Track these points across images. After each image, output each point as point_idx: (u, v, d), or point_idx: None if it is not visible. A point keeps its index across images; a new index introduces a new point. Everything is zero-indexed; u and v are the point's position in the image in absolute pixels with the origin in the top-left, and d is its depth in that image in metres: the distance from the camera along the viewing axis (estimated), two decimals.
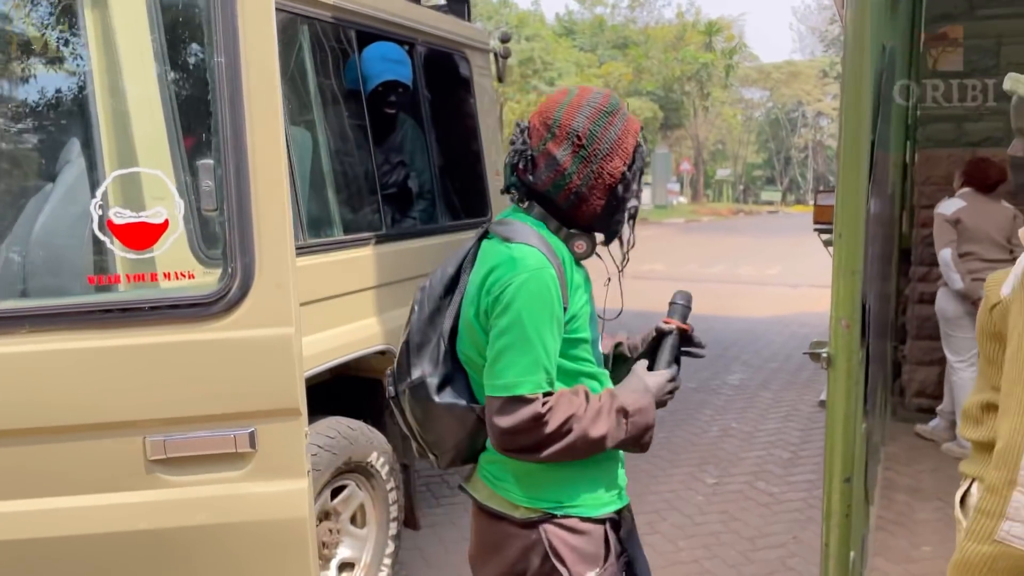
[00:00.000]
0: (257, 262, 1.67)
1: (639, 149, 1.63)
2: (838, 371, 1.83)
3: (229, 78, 1.60)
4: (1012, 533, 1.25)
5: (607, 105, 1.60)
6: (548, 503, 1.63)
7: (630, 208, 1.64)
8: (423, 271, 3.30)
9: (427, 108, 3.49)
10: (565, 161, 1.57)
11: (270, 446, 1.76)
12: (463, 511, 3.96)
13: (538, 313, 1.51)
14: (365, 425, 2.91)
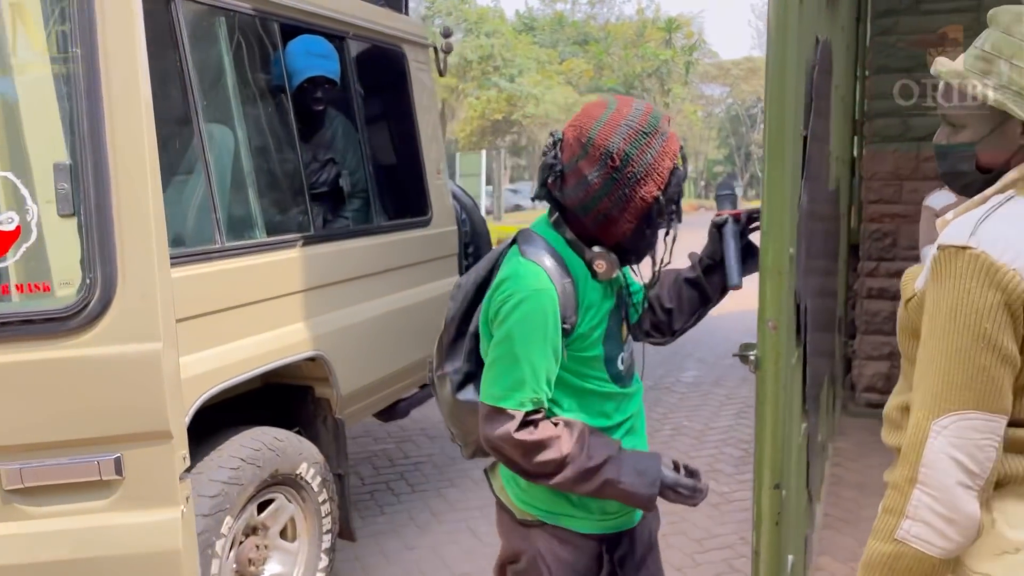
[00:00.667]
0: (119, 272, 1.54)
1: (676, 172, 1.58)
2: (766, 374, 1.76)
3: (86, 70, 1.47)
4: (911, 532, 1.22)
5: (645, 125, 1.55)
6: (540, 511, 1.67)
7: (663, 233, 1.61)
8: (357, 273, 3.20)
9: (360, 104, 3.37)
10: (596, 182, 1.53)
11: (139, 473, 1.63)
12: (407, 519, 3.86)
13: (529, 334, 1.52)
14: (294, 435, 2.80)
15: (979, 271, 1.17)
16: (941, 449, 1.19)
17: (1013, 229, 1.19)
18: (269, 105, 2.92)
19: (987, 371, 1.17)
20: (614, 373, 1.68)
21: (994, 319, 1.17)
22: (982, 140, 1.31)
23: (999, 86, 1.25)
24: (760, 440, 1.79)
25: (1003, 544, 1.25)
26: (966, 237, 1.19)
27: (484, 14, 31.72)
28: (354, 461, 4.65)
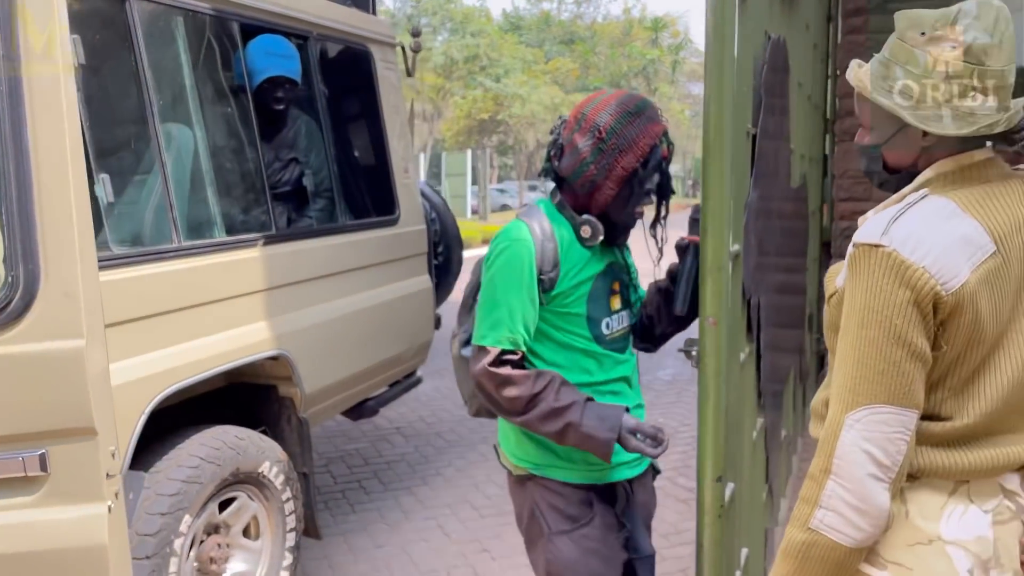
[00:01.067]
0: (42, 270, 1.55)
1: (655, 150, 1.77)
2: (707, 369, 1.78)
3: (6, 69, 1.48)
4: (824, 522, 1.24)
5: (632, 106, 1.77)
6: (531, 464, 1.87)
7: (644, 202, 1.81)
8: (322, 272, 3.21)
9: (324, 104, 3.38)
10: (585, 151, 1.76)
11: (64, 469, 1.64)
12: (377, 518, 3.87)
13: (507, 278, 1.74)
14: (256, 434, 2.80)
15: (890, 269, 1.19)
16: (853, 442, 1.21)
17: (924, 228, 1.20)
18: (229, 105, 2.93)
19: (898, 366, 1.20)
20: (596, 334, 1.85)
21: (904, 316, 1.19)
22: (887, 142, 1.34)
23: (895, 91, 1.27)
24: (702, 434, 1.81)
25: (917, 535, 1.27)
26: (879, 236, 1.21)
27: (470, 14, 31.74)
28: (328, 460, 4.66)
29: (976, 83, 1.21)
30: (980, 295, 1.19)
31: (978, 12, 1.21)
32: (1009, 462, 1.28)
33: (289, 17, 3.13)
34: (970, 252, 1.19)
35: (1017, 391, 1.27)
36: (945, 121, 1.24)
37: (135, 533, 2.36)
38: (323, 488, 4.24)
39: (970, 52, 1.20)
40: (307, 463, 3.04)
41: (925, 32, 1.24)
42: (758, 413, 2.62)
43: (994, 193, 1.25)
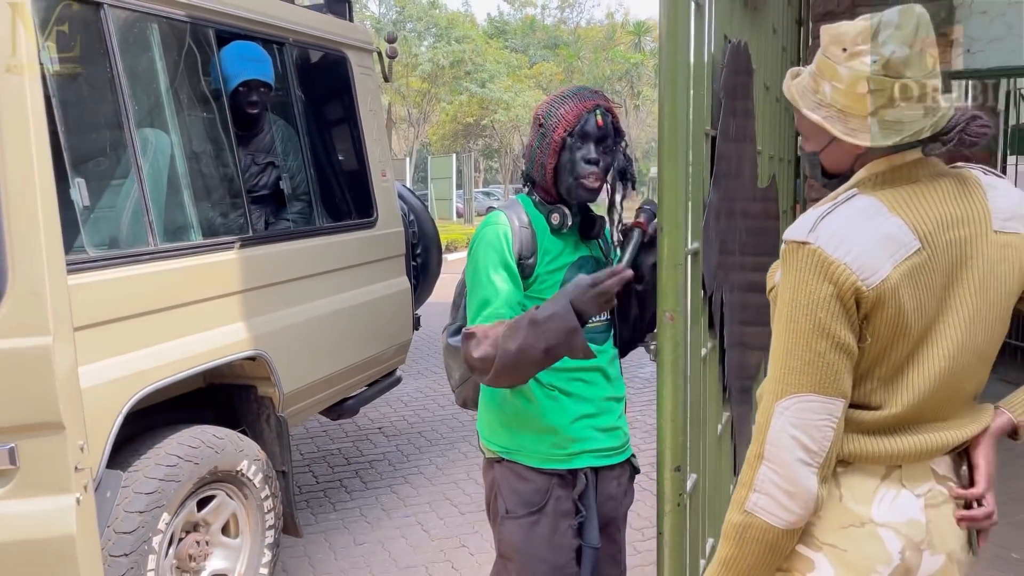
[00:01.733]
0: (9, 269, 1.60)
1: (583, 119, 1.87)
2: (665, 363, 1.84)
3: None
4: (758, 505, 1.30)
5: (567, 92, 1.93)
6: (499, 447, 1.96)
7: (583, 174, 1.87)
8: (299, 274, 3.26)
9: (301, 108, 3.43)
10: (533, 139, 1.93)
11: (33, 462, 1.69)
12: (358, 516, 3.92)
13: (487, 257, 1.85)
14: (234, 433, 2.85)
15: (815, 265, 1.25)
16: (782, 428, 1.28)
17: (849, 226, 1.26)
18: (205, 110, 2.98)
19: (823, 357, 1.26)
20: None
21: (827, 309, 1.25)
22: (823, 150, 1.40)
23: (822, 104, 1.32)
24: (660, 425, 1.87)
25: (850, 518, 1.33)
26: (806, 233, 1.27)
27: (455, 19, 31.81)
28: (310, 460, 4.71)
29: (898, 94, 1.26)
30: (903, 290, 1.24)
31: (899, 21, 1.25)
32: (938, 447, 1.34)
33: (264, 23, 3.18)
34: (893, 249, 1.25)
35: (945, 382, 1.31)
36: (872, 132, 1.29)
37: (113, 531, 2.41)
38: (304, 488, 4.29)
39: (889, 66, 1.25)
40: (286, 462, 3.09)
41: (846, 48, 1.28)
42: (724, 407, 2.69)
43: (922, 192, 1.31)
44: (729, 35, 2.53)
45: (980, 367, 1.36)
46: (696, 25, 2.10)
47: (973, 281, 1.30)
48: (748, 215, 3.13)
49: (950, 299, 1.30)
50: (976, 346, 1.33)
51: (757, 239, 3.48)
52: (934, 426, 1.35)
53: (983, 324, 1.32)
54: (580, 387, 1.96)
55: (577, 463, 1.96)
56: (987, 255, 1.31)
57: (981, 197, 1.33)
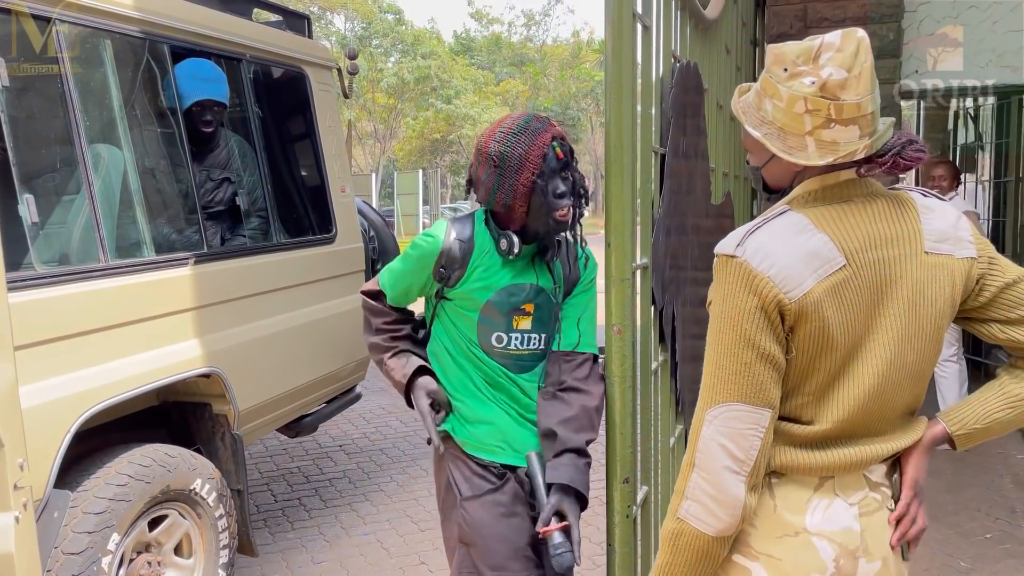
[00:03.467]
0: None
1: (547, 157, 1.87)
2: (613, 376, 1.88)
3: None
4: (689, 512, 1.33)
5: (515, 127, 1.89)
6: (448, 426, 2.03)
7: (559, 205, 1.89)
8: (255, 290, 3.25)
9: (258, 124, 3.43)
10: (489, 181, 1.90)
11: None
12: (316, 534, 3.89)
13: (407, 252, 2.01)
14: (187, 451, 2.82)
15: (741, 278, 1.29)
16: (711, 436, 1.31)
17: (775, 241, 1.30)
18: (160, 126, 2.96)
19: (749, 367, 1.29)
20: (484, 341, 1.98)
21: (752, 321, 1.28)
22: (764, 166, 1.44)
23: (764, 122, 1.36)
24: (609, 438, 1.90)
25: (784, 527, 1.36)
26: (734, 247, 1.32)
27: (421, 35, 31.88)
28: (268, 478, 4.66)
29: (834, 115, 1.29)
30: (826, 305, 1.28)
31: (840, 44, 1.28)
32: (868, 459, 1.37)
33: (221, 40, 3.18)
34: (816, 265, 1.28)
35: (874, 398, 1.34)
36: (809, 151, 1.32)
37: (61, 552, 2.36)
38: (263, 506, 4.24)
39: (825, 88, 1.28)
40: (241, 480, 3.06)
41: (787, 68, 1.31)
42: (677, 420, 2.72)
43: (852, 211, 1.34)
44: (678, 55, 2.59)
45: (912, 385, 1.39)
46: (643, 46, 2.15)
47: (901, 300, 1.33)
48: (701, 231, 3.19)
49: (878, 317, 1.33)
50: (906, 364, 1.35)
51: (710, 255, 3.54)
52: (866, 440, 1.37)
53: (912, 343, 1.34)
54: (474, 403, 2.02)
55: (517, 461, 2.01)
56: (916, 276, 1.34)
57: (914, 218, 1.36)
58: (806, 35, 4.82)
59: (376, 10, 30.92)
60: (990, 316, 1.41)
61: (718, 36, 3.57)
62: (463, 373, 2.02)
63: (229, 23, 3.27)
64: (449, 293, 1.98)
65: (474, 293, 1.95)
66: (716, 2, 3.31)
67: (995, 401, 1.42)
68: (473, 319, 1.97)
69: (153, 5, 2.85)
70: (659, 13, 2.29)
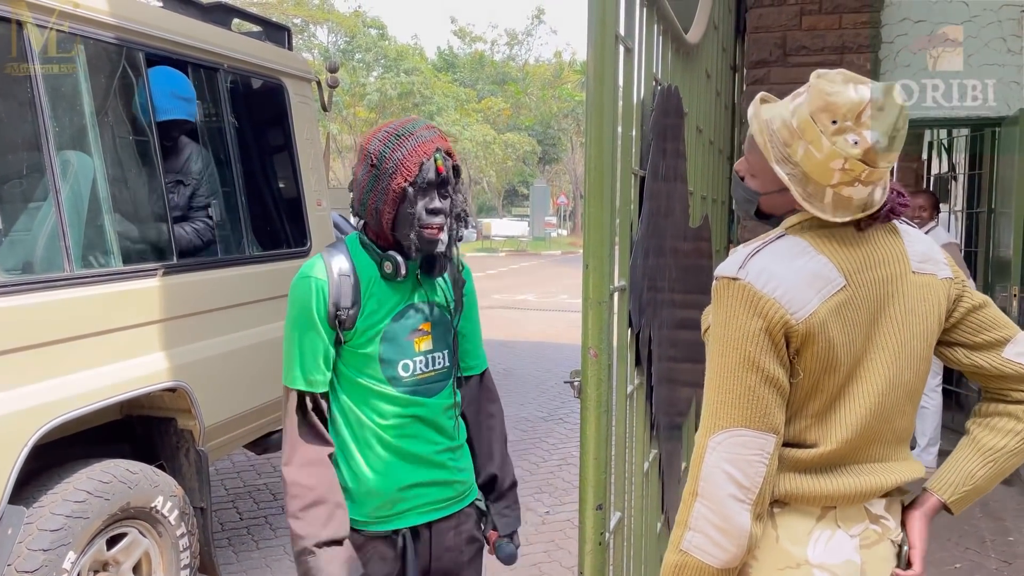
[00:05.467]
0: None
1: (424, 167, 1.72)
2: (588, 400, 1.84)
3: None
4: (693, 543, 1.30)
5: (400, 129, 1.75)
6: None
7: (426, 225, 1.73)
8: (225, 303, 3.18)
9: (233, 135, 3.38)
10: (363, 180, 1.75)
11: None
12: (282, 554, 3.80)
13: (295, 315, 1.74)
14: (149, 468, 2.75)
15: (745, 300, 1.27)
16: (715, 464, 1.28)
17: (778, 264, 1.29)
18: (132, 134, 2.90)
19: (753, 391, 1.27)
20: (391, 375, 1.79)
21: (756, 343, 1.26)
22: (767, 194, 1.41)
23: (789, 160, 1.33)
24: (583, 463, 1.86)
25: (786, 559, 1.34)
26: (736, 269, 1.29)
27: (404, 51, 31.96)
28: (233, 496, 4.56)
29: (863, 177, 1.29)
30: (831, 324, 1.28)
31: (883, 104, 1.26)
32: (872, 490, 1.36)
33: (198, 49, 3.13)
34: (820, 286, 1.28)
35: (876, 417, 1.34)
36: (826, 202, 1.32)
37: (15, 570, 2.28)
38: (228, 524, 4.15)
39: (868, 154, 1.27)
40: (205, 498, 2.98)
41: (836, 121, 1.28)
42: (652, 444, 2.70)
43: (846, 235, 1.35)
44: (659, 78, 2.59)
45: (908, 405, 1.40)
46: (625, 68, 2.14)
47: (897, 318, 1.35)
48: (679, 253, 3.18)
49: (876, 335, 1.34)
50: (904, 382, 1.36)
51: (688, 277, 3.54)
52: (869, 468, 1.37)
53: (908, 360, 1.36)
54: (410, 443, 1.83)
55: (399, 523, 1.84)
56: (908, 293, 1.36)
57: (899, 241, 1.39)
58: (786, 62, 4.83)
59: (359, 24, 30.96)
60: (956, 339, 1.44)
61: (699, 61, 3.59)
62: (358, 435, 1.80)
63: (207, 32, 3.22)
64: (346, 337, 1.76)
65: (371, 328, 1.77)
66: (697, 27, 3.33)
67: (975, 460, 1.44)
68: (374, 355, 1.77)
69: (130, 12, 2.80)
70: (641, 36, 2.29)
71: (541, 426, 6.12)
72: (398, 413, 1.81)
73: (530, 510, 4.38)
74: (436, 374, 1.88)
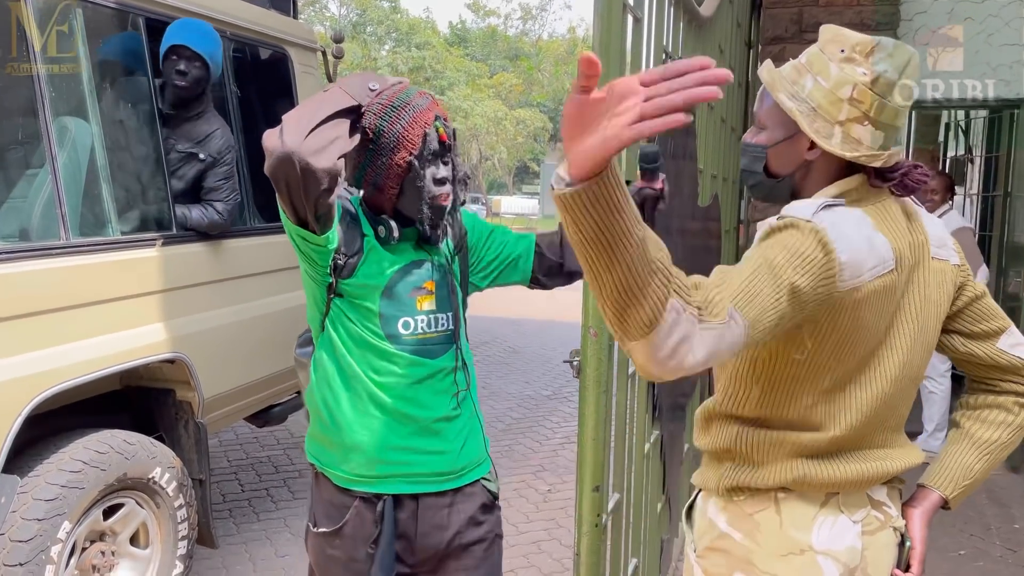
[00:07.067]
0: None
1: (427, 138, 1.65)
2: (587, 379, 1.80)
3: None
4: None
5: (395, 100, 1.66)
6: (315, 458, 1.82)
7: (436, 195, 1.68)
8: (226, 275, 3.15)
9: (235, 104, 3.32)
10: (359, 156, 1.67)
11: None
12: (282, 526, 3.80)
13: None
14: (147, 439, 2.73)
15: (815, 237, 1.19)
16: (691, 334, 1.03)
17: (847, 225, 1.23)
18: (132, 101, 2.85)
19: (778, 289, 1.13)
20: (390, 332, 1.74)
21: (808, 264, 1.16)
22: (774, 145, 1.37)
23: (799, 98, 1.30)
24: (581, 444, 1.83)
25: (789, 545, 1.32)
26: (810, 214, 1.22)
27: (416, 25, 31.70)
28: (237, 467, 4.57)
29: (873, 113, 1.26)
30: (866, 305, 1.23)
31: (893, 50, 1.27)
32: (876, 476, 1.34)
33: (198, 14, 3.07)
34: (874, 263, 1.23)
35: (884, 406, 1.32)
36: (834, 140, 1.28)
37: (8, 539, 2.27)
38: (229, 496, 4.15)
39: (877, 83, 1.25)
40: (203, 469, 2.97)
41: (844, 50, 1.28)
42: (653, 425, 2.66)
43: (891, 214, 1.30)
44: (670, 52, 2.52)
45: (912, 391, 1.38)
46: (633, 39, 2.08)
47: (916, 304, 1.32)
48: (687, 233, 3.13)
49: (897, 322, 1.30)
50: (914, 369, 1.34)
51: (696, 257, 3.48)
52: (873, 454, 1.35)
53: (920, 348, 1.34)
54: (403, 404, 1.76)
55: (382, 487, 1.76)
56: (926, 280, 1.33)
57: (922, 224, 1.36)
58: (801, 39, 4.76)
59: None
60: (955, 327, 1.42)
61: (712, 35, 3.50)
62: (351, 386, 1.75)
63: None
64: (343, 285, 1.71)
65: (372, 278, 1.72)
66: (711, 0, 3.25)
67: (971, 453, 1.43)
68: (374, 310, 1.73)
69: None
70: (651, 5, 2.22)
71: (545, 404, 6.09)
72: (395, 372, 1.74)
73: (531, 488, 4.37)
74: (439, 335, 1.80)
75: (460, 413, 1.86)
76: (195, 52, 2.87)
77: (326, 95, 1.63)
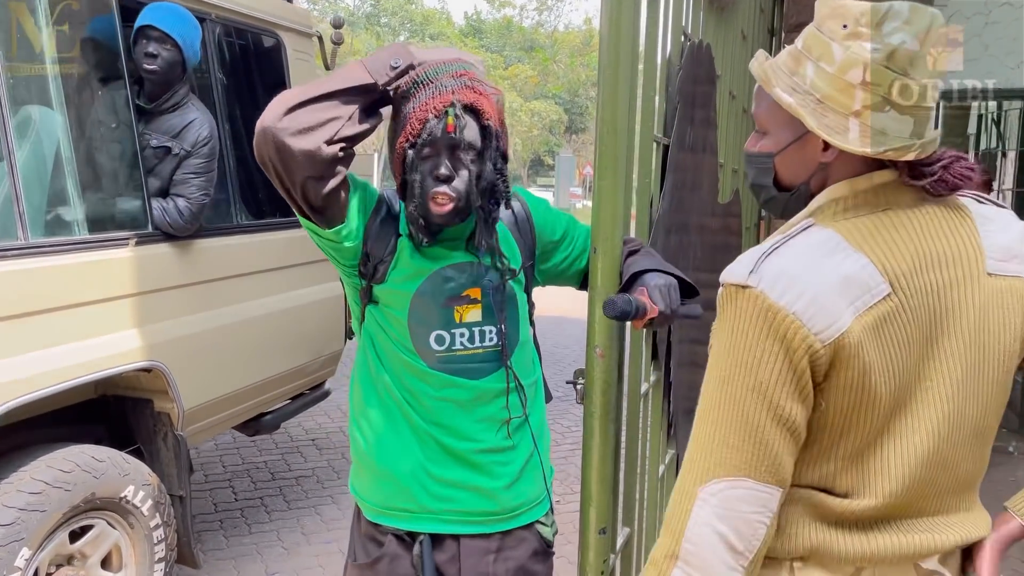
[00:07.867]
0: None
1: (428, 124, 1.43)
2: (593, 406, 1.57)
3: None
4: None
5: (422, 75, 1.46)
6: (354, 490, 1.69)
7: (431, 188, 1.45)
8: (208, 276, 2.92)
9: (221, 92, 3.11)
10: (390, 132, 1.53)
11: None
12: (275, 540, 3.61)
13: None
14: (118, 454, 2.53)
15: (756, 315, 0.98)
16: (707, 522, 1.00)
17: (799, 265, 0.99)
18: (103, 90, 2.64)
19: (761, 433, 0.98)
20: (420, 347, 1.55)
21: (771, 370, 0.98)
22: (782, 151, 1.12)
23: (800, 90, 1.05)
24: (586, 480, 1.60)
25: None
26: (746, 274, 1.00)
27: (431, 15, 31.49)
28: (232, 474, 4.37)
29: (894, 96, 1.01)
30: (867, 347, 0.98)
31: (910, 16, 1.00)
32: (919, 552, 1.07)
33: None
34: (854, 295, 0.98)
35: (930, 467, 1.05)
36: (851, 135, 1.02)
37: None
38: (221, 505, 3.96)
39: (894, 58, 1.00)
40: (183, 485, 2.77)
41: (847, 25, 1.02)
42: (668, 444, 2.43)
43: (895, 223, 1.04)
44: (689, 34, 2.27)
45: (976, 446, 1.09)
46: (649, 17, 1.84)
47: (962, 336, 1.04)
48: (706, 230, 2.88)
49: (931, 360, 1.03)
50: (967, 419, 1.06)
51: (715, 256, 3.24)
52: (921, 523, 1.08)
53: (975, 391, 1.06)
54: (441, 433, 1.56)
55: (416, 524, 1.60)
56: (979, 303, 1.05)
57: (972, 231, 1.07)
58: None
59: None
60: None
61: (734, 19, 3.25)
62: (385, 405, 1.59)
63: None
64: (377, 291, 1.55)
65: (401, 284, 1.53)
66: None
67: None
68: (403, 320, 1.53)
69: None
70: None
71: (556, 406, 5.84)
72: (429, 394, 1.55)
73: None
74: (484, 352, 1.57)
75: (513, 444, 1.63)
76: (165, 33, 2.64)
77: (342, 69, 1.47)
